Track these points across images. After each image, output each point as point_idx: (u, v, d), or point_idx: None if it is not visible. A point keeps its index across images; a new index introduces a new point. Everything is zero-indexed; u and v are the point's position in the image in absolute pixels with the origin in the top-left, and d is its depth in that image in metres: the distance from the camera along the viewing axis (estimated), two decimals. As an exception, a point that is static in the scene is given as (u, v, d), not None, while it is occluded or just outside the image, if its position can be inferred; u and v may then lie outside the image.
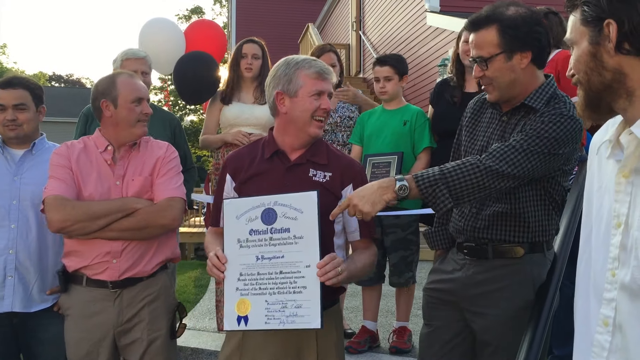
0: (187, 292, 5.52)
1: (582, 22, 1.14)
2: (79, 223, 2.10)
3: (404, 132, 3.32)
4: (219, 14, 34.47)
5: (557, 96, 1.84)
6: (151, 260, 2.22)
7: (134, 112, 2.20)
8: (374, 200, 1.63)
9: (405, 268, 3.28)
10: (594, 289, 1.17)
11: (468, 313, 1.92)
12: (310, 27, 13.34)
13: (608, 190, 1.16)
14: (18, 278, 2.30)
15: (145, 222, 2.16)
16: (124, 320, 2.18)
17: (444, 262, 2.03)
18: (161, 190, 2.22)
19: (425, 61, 9.28)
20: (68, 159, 2.21)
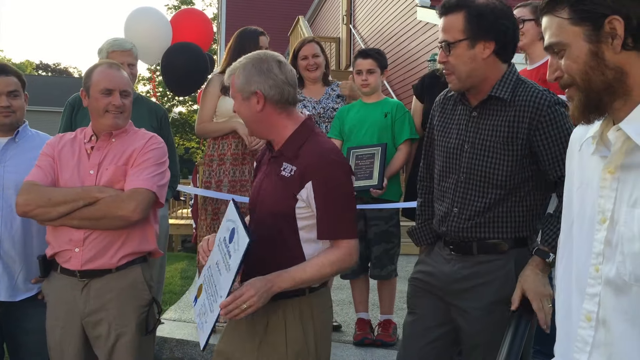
0: (173, 283, 5.50)
1: (575, 21, 1.12)
2: (40, 208, 2.11)
3: (386, 124, 3.34)
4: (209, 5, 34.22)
5: (521, 82, 1.84)
6: (117, 253, 2.17)
7: (101, 102, 2.19)
8: (546, 282, 1.71)
9: (388, 261, 3.30)
10: (577, 284, 1.18)
11: (453, 307, 1.93)
12: (301, 19, 13.27)
13: (591, 187, 1.16)
14: (3, 267, 2.29)
15: (102, 212, 2.11)
16: (90, 311, 2.15)
17: (431, 255, 2.04)
18: (130, 180, 2.18)
19: (415, 56, 9.29)
20: (53, 148, 2.24)
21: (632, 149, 1.07)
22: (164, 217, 3.35)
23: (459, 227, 1.90)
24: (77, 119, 3.28)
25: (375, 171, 3.21)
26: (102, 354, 2.17)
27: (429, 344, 1.97)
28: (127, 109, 2.25)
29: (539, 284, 1.70)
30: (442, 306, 1.96)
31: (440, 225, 1.97)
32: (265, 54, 1.91)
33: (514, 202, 1.85)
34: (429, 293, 1.99)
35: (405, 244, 3.59)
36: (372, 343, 3.29)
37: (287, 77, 1.86)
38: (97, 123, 2.24)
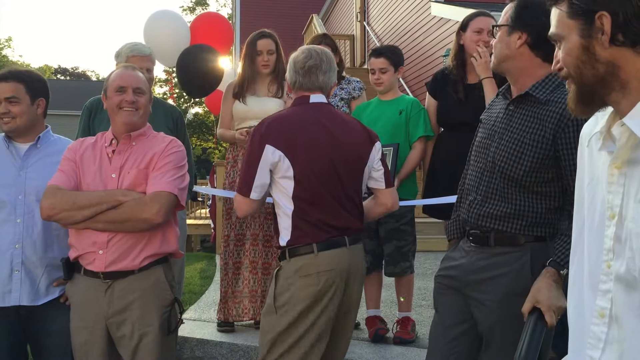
0: (193, 283, 5.56)
1: (570, 15, 1.13)
2: (64, 212, 2.16)
3: (400, 122, 3.34)
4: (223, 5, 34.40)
5: (563, 85, 1.83)
6: (139, 254, 2.22)
7: (115, 99, 2.26)
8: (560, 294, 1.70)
9: (401, 258, 3.30)
10: (589, 281, 1.18)
11: (471, 300, 1.94)
12: (315, 18, 13.28)
13: (600, 182, 1.16)
14: (25, 272, 2.33)
15: (126, 215, 2.16)
16: (114, 311, 2.20)
17: (455, 250, 2.07)
18: (152, 183, 2.22)
19: (430, 51, 9.25)
20: (75, 152, 2.29)
21: (637, 144, 1.07)
22: (182, 218, 3.40)
23: (478, 215, 1.92)
24: (95, 122, 3.33)
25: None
26: (126, 354, 2.22)
27: (450, 342, 1.98)
28: (142, 107, 2.29)
29: (552, 295, 1.69)
30: (462, 301, 1.97)
31: (464, 211, 2.01)
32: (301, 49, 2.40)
33: (535, 201, 1.85)
34: (450, 289, 2.02)
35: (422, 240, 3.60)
36: (385, 333, 3.30)
37: (297, 67, 2.34)
38: (114, 123, 2.30)
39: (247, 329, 3.61)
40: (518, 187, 1.86)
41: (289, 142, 2.22)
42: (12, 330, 2.37)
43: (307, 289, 2.16)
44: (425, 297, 4.37)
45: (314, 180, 2.21)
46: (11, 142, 2.43)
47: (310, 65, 2.32)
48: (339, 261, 2.20)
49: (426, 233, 6.19)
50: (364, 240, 3.31)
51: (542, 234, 1.87)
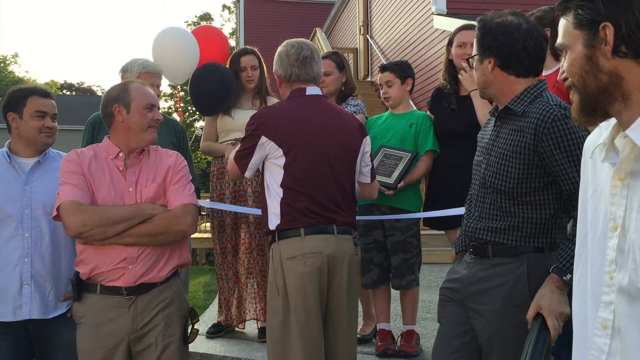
0: (197, 297, 5.55)
1: (576, 25, 1.14)
2: (97, 228, 2.11)
3: (409, 134, 3.35)
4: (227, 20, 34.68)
5: (541, 96, 1.88)
6: (165, 266, 2.25)
7: (146, 117, 2.26)
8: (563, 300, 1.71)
9: (407, 270, 3.29)
10: (592, 292, 1.17)
11: (471, 311, 1.96)
12: (318, 31, 13.38)
13: (603, 194, 1.16)
14: (34, 286, 2.34)
15: (162, 228, 2.19)
16: (138, 326, 2.20)
17: (459, 263, 2.09)
18: (175, 197, 2.25)
19: (433, 64, 9.27)
20: (79, 165, 2.23)
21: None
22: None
23: (475, 229, 1.96)
24: (99, 138, 3.35)
25: (396, 172, 3.22)
26: None
27: (453, 354, 1.99)
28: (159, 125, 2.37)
29: (554, 301, 1.70)
30: (463, 313, 1.99)
31: (465, 226, 2.04)
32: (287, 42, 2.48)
33: (529, 212, 1.87)
34: (453, 301, 2.04)
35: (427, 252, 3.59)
36: (394, 354, 3.28)
37: (290, 60, 2.41)
38: (135, 138, 2.26)
39: (251, 342, 3.59)
40: (510, 200, 1.89)
41: (283, 133, 2.30)
42: (18, 346, 2.36)
43: (295, 270, 2.24)
44: (429, 310, 4.34)
45: (304, 173, 2.29)
46: (14, 157, 2.45)
47: (305, 55, 2.41)
48: (325, 246, 2.27)
49: (431, 245, 6.17)
50: (372, 253, 3.32)
51: (539, 244, 1.88)
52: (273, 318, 2.28)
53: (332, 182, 2.33)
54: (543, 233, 1.88)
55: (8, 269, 2.33)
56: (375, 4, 12.60)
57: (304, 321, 2.22)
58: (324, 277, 2.26)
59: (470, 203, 2.05)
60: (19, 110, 2.44)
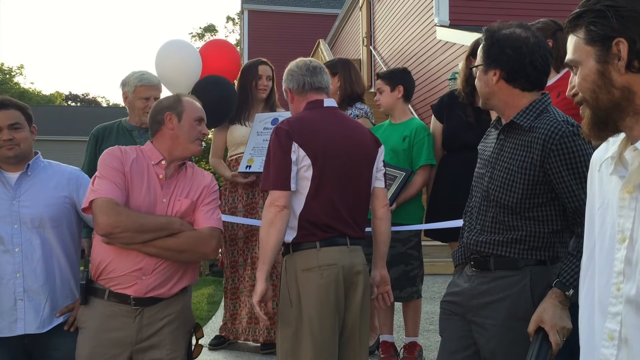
0: (200, 309, 5.53)
1: (588, 41, 1.16)
2: (127, 232, 2.09)
3: (402, 149, 3.33)
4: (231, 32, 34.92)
5: (546, 111, 1.87)
6: (177, 284, 2.24)
7: (195, 129, 2.29)
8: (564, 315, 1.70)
9: (407, 282, 3.28)
10: (599, 304, 1.18)
11: (473, 325, 1.94)
12: (321, 43, 13.44)
13: (611, 206, 1.17)
14: (28, 301, 2.32)
15: (187, 246, 2.18)
16: (142, 338, 2.18)
17: (459, 276, 2.08)
18: (205, 218, 2.25)
19: (436, 75, 9.31)
20: (122, 162, 2.20)
21: None
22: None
23: (477, 242, 1.94)
24: (102, 150, 3.36)
25: (388, 194, 3.21)
26: None
27: None
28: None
29: (556, 316, 1.69)
30: (465, 326, 1.97)
31: (465, 237, 2.03)
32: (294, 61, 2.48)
33: (532, 226, 1.86)
34: (454, 314, 2.02)
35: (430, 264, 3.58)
36: None
37: (302, 70, 2.40)
38: (180, 147, 2.27)
39: (253, 355, 3.58)
40: (514, 215, 1.88)
41: (311, 143, 2.26)
42: (16, 358, 2.35)
43: (312, 283, 2.20)
44: (432, 322, 4.32)
45: (328, 184, 2.25)
46: (1, 171, 2.40)
47: (315, 65, 2.43)
48: (340, 258, 2.25)
49: (434, 256, 6.15)
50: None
51: (542, 257, 1.87)
52: (285, 329, 2.24)
53: (351, 197, 2.31)
54: (545, 246, 1.87)
55: (1, 285, 2.30)
56: (378, 16, 12.68)
57: (319, 333, 2.18)
58: (340, 288, 2.24)
59: (472, 216, 2.04)
60: None
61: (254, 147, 3.56)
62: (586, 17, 1.16)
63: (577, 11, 1.19)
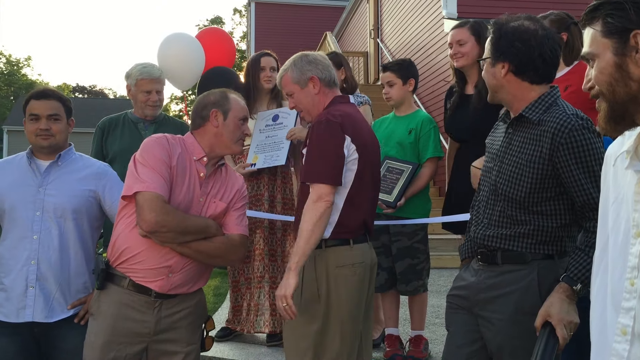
0: (206, 300, 5.55)
1: (605, 34, 1.15)
2: (172, 232, 2.06)
3: (409, 142, 3.31)
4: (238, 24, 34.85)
5: (555, 104, 1.86)
6: (197, 284, 2.26)
7: (240, 129, 2.27)
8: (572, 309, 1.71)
9: (414, 276, 3.27)
10: (612, 298, 1.17)
11: (480, 319, 1.94)
12: (329, 35, 13.40)
13: (626, 201, 1.16)
14: (39, 288, 2.33)
15: (220, 252, 2.19)
16: (160, 329, 2.18)
17: (466, 270, 2.07)
18: (236, 223, 2.25)
19: (443, 67, 9.26)
20: (169, 155, 2.14)
21: None
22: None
23: (484, 236, 1.93)
24: (108, 143, 3.37)
25: (396, 189, 3.20)
26: None
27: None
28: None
29: (563, 310, 1.68)
30: (472, 320, 1.97)
31: (472, 231, 2.02)
32: (304, 52, 2.38)
33: (540, 220, 1.85)
34: (461, 308, 2.02)
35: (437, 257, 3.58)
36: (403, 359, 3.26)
37: (327, 62, 2.34)
38: (222, 145, 2.24)
39: (259, 347, 3.59)
40: (522, 209, 1.87)
41: (359, 138, 2.25)
42: (26, 347, 2.36)
43: (347, 279, 2.20)
44: (438, 315, 4.32)
45: (367, 180, 2.27)
46: (33, 158, 2.46)
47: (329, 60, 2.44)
48: (367, 255, 2.28)
49: (441, 250, 6.14)
50: (380, 257, 3.31)
51: (549, 251, 1.86)
52: (308, 326, 2.17)
53: (373, 191, 2.35)
54: (553, 241, 1.86)
55: (15, 270, 2.33)
56: (385, 8, 12.61)
57: (350, 330, 2.18)
58: (367, 285, 2.26)
59: (479, 210, 2.03)
60: (24, 115, 2.47)
61: (257, 144, 3.56)
62: (603, 9, 1.15)
63: (594, 4, 1.18)
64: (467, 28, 3.07)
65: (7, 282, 2.34)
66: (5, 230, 2.40)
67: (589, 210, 1.77)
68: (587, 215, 1.79)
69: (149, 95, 3.38)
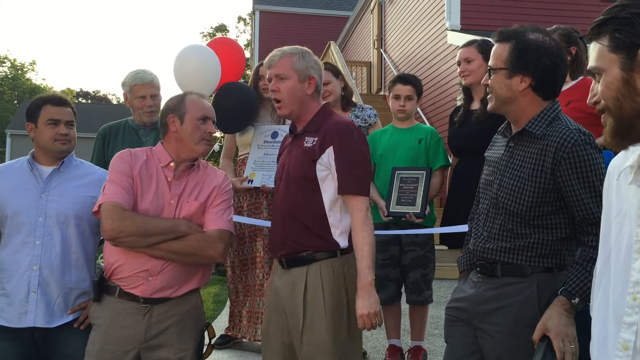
0: (206, 307, 5.54)
1: (612, 49, 1.14)
2: (132, 237, 2.10)
3: (420, 150, 3.34)
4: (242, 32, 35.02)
5: (557, 119, 1.86)
6: (184, 286, 2.23)
7: (199, 129, 2.24)
8: (570, 323, 1.70)
9: (425, 286, 3.29)
10: (614, 313, 1.16)
11: (479, 331, 1.93)
12: (332, 45, 13.44)
13: (629, 216, 1.16)
14: (41, 294, 2.33)
15: (193, 250, 2.16)
16: (151, 336, 2.18)
17: (465, 282, 2.07)
18: (213, 220, 2.22)
19: (446, 79, 9.29)
20: (131, 166, 2.21)
21: None
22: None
23: (484, 249, 1.93)
24: (109, 149, 3.38)
25: (419, 198, 3.20)
26: None
27: None
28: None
29: (561, 323, 1.67)
30: (471, 332, 1.96)
31: (471, 243, 2.01)
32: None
33: (540, 234, 1.85)
34: (460, 321, 2.01)
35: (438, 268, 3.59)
36: None
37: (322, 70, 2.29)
38: (186, 150, 2.25)
39: (258, 355, 3.58)
40: (522, 222, 1.86)
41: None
42: (26, 352, 2.35)
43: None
44: (437, 326, 4.31)
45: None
46: (35, 164, 2.47)
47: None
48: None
49: (441, 260, 6.10)
50: (388, 269, 3.29)
51: (549, 264, 1.86)
52: (339, 336, 2.10)
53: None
54: (553, 254, 1.85)
55: (17, 275, 2.33)
56: (389, 19, 12.67)
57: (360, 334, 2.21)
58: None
59: (478, 222, 2.02)
60: (34, 119, 2.47)
61: (255, 161, 3.54)
62: (611, 24, 1.15)
63: (600, 18, 1.18)
64: (475, 46, 3.13)
65: (9, 287, 2.35)
66: (6, 235, 2.41)
67: (588, 224, 1.77)
68: (586, 229, 1.78)
69: (144, 100, 3.40)
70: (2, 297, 2.35)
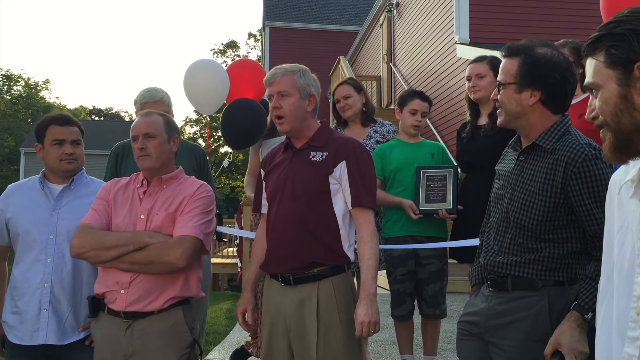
0: (218, 323, 5.55)
1: (608, 65, 1.15)
2: (93, 251, 2.19)
3: (433, 164, 3.35)
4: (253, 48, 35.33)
5: (568, 133, 1.86)
6: (160, 297, 2.22)
7: (134, 147, 2.31)
8: (582, 339, 1.69)
9: (442, 299, 3.29)
10: (617, 327, 1.16)
11: (490, 345, 1.92)
12: (342, 60, 13.53)
13: (631, 229, 1.16)
14: (52, 311, 2.36)
15: (150, 258, 2.18)
16: (133, 351, 2.20)
17: (476, 296, 2.06)
18: (178, 227, 2.24)
19: (456, 92, 9.29)
20: (108, 192, 2.35)
21: None
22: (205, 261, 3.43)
23: (494, 263, 1.93)
24: (122, 167, 3.41)
25: (449, 194, 3.19)
26: None
27: None
28: (153, 151, 2.29)
29: (574, 339, 1.66)
30: (482, 347, 1.95)
31: (482, 257, 2.01)
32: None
33: (551, 248, 1.84)
34: (471, 335, 2.00)
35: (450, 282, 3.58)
36: None
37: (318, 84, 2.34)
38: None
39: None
40: (533, 236, 1.86)
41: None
42: None
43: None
44: (450, 341, 4.28)
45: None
46: (46, 182, 2.51)
47: None
48: None
49: (453, 274, 6.06)
50: (406, 284, 3.28)
51: (560, 278, 1.85)
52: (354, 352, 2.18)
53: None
54: (564, 267, 1.85)
55: (29, 293, 2.36)
56: (398, 33, 12.73)
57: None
58: None
59: (489, 236, 2.02)
60: (42, 140, 2.52)
61: None
62: (606, 40, 1.16)
63: (595, 35, 1.19)
64: (486, 62, 3.14)
65: (21, 305, 2.37)
66: (19, 253, 2.44)
67: (599, 239, 1.76)
68: (597, 244, 1.77)
69: None
70: (14, 315, 2.39)
